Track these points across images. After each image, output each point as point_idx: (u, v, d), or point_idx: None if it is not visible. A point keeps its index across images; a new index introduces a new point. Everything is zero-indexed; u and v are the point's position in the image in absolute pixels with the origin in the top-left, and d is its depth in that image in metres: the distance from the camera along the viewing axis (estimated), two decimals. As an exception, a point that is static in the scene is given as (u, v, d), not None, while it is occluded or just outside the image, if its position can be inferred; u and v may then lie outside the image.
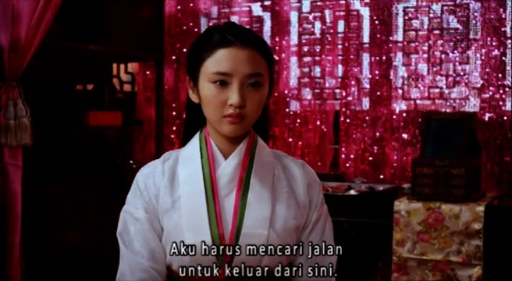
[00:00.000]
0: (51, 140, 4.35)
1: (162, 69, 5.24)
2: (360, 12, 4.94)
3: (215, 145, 1.74)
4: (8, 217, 3.76)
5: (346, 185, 4.18)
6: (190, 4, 5.28)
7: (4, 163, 3.78)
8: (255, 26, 5.24)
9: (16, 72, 3.79)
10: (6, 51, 3.76)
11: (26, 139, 3.79)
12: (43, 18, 3.76)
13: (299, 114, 4.91)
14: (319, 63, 4.92)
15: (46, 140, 4.28)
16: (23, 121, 3.79)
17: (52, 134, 4.36)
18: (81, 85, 4.95)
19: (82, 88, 5.00)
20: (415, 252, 3.67)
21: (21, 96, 3.82)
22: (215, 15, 5.35)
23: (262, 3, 5.22)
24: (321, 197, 1.83)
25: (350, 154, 4.70)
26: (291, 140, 4.92)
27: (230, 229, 1.67)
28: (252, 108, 1.67)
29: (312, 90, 4.91)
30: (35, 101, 4.15)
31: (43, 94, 4.33)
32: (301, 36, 5.04)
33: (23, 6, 3.73)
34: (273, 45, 5.08)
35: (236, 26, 1.75)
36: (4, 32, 3.76)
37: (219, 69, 1.65)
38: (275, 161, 1.81)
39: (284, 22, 5.07)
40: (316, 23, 5.02)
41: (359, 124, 4.70)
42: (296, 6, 5.11)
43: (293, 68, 5.00)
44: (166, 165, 1.77)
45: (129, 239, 1.72)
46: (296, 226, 1.72)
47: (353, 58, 4.80)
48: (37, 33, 3.77)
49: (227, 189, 1.71)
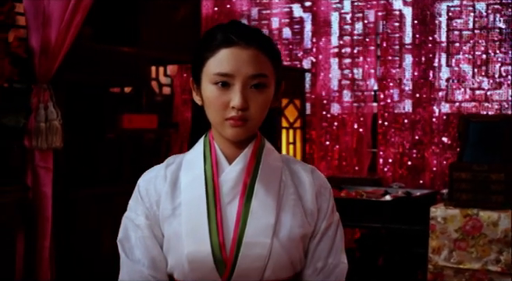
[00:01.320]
0: (84, 144, 4.34)
1: (199, 72, 5.17)
2: (403, 11, 4.80)
3: (220, 149, 1.66)
4: (38, 220, 3.75)
5: (382, 190, 4.06)
6: (226, 5, 5.21)
7: (35, 166, 3.78)
8: (295, 27, 5.15)
9: (47, 74, 3.78)
10: (37, 53, 3.76)
11: (56, 142, 3.78)
12: (73, 20, 3.76)
13: (336, 117, 4.80)
14: (358, 65, 4.80)
15: (79, 144, 4.27)
16: (54, 124, 3.78)
17: (85, 137, 4.34)
18: (118, 88, 4.94)
19: (119, 91, 4.98)
20: (452, 260, 3.52)
21: (52, 99, 3.81)
22: (256, 16, 5.27)
23: (302, 4, 5.13)
24: (332, 204, 1.71)
25: (388, 158, 4.57)
26: (328, 143, 4.81)
27: (232, 237, 1.58)
28: (256, 110, 1.58)
29: (350, 93, 4.80)
30: (69, 104, 4.15)
31: (77, 97, 4.32)
32: (342, 37, 4.92)
33: (54, 9, 3.72)
34: (313, 47, 4.98)
35: (240, 24, 1.66)
36: (35, 35, 3.76)
37: (220, 70, 1.56)
38: (284, 166, 1.71)
39: (324, 23, 4.97)
40: (357, 23, 4.89)
41: (398, 127, 4.56)
42: (337, 7, 5.00)
43: (331, 69, 4.88)
44: (169, 170, 1.69)
45: (130, 246, 1.65)
46: (302, 235, 1.62)
47: (393, 60, 4.66)
48: (67, 36, 3.77)
49: (230, 195, 1.62)
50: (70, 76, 4.05)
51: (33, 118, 3.75)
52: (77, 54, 4.02)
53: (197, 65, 1.63)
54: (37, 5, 3.73)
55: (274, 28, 5.18)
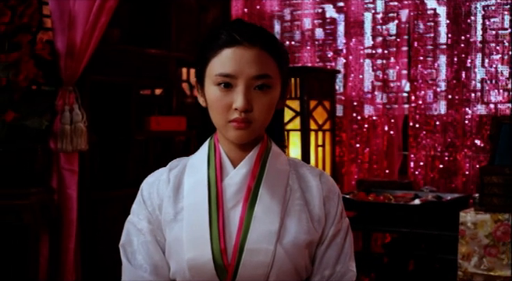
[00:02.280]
0: (111, 146, 4.33)
1: (229, 73, 5.13)
2: (437, 11, 4.69)
3: (224, 152, 1.61)
4: (63, 222, 3.76)
5: (412, 194, 3.96)
6: (256, 6, 5.16)
7: (60, 168, 3.79)
8: (328, 28, 5.07)
9: (73, 76, 3.79)
10: (63, 55, 3.76)
11: (81, 144, 3.79)
12: (98, 22, 3.75)
13: (367, 118, 4.71)
14: (389, 66, 4.71)
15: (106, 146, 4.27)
16: (79, 126, 3.78)
17: (113, 139, 4.34)
18: (149, 90, 4.93)
19: (150, 93, 4.98)
20: (482, 267, 3.41)
21: (77, 101, 3.81)
22: (288, 17, 5.21)
23: (335, 4, 5.05)
24: (341, 209, 1.65)
25: (419, 161, 4.46)
26: (358, 145, 4.72)
27: (233, 243, 1.53)
28: (260, 112, 1.53)
29: (382, 94, 4.70)
30: (96, 106, 4.15)
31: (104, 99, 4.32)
32: (373, 37, 4.83)
33: (79, 10, 3.72)
34: (344, 47, 4.91)
35: (245, 24, 1.61)
36: (60, 37, 3.77)
37: (223, 71, 1.52)
38: (291, 170, 1.65)
39: (356, 23, 4.88)
40: (389, 23, 4.80)
41: (429, 129, 4.45)
42: (369, 7, 4.91)
43: (362, 70, 4.79)
44: (172, 174, 1.66)
45: (132, 251, 1.62)
46: (307, 242, 1.56)
47: (425, 60, 4.56)
48: (92, 38, 3.77)
49: (234, 200, 1.57)
50: (97, 78, 4.05)
51: (58, 120, 3.76)
52: (104, 56, 4.02)
53: (201, 66, 1.60)
54: (62, 6, 3.74)
55: (306, 29, 5.11)
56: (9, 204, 3.41)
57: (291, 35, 5.16)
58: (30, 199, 3.45)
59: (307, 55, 5.02)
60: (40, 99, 3.74)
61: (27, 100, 3.58)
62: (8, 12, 3.44)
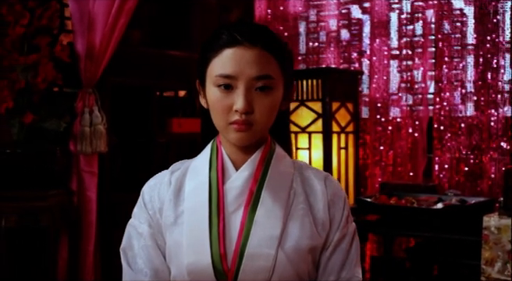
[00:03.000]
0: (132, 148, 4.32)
1: (252, 75, 5.09)
2: (464, 11, 4.59)
3: (227, 155, 1.58)
4: (82, 224, 3.75)
5: (435, 197, 3.87)
6: (280, 7, 5.11)
7: (79, 170, 3.79)
8: (354, 29, 5.01)
9: (92, 79, 3.79)
10: (83, 58, 3.76)
11: (101, 146, 3.78)
12: (117, 23, 3.75)
13: (391, 120, 4.63)
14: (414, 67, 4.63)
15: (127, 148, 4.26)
16: (99, 128, 3.77)
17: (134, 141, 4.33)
18: (172, 92, 4.92)
19: (173, 95, 4.96)
20: (506, 273, 3.32)
21: (97, 103, 3.81)
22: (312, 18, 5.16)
23: (361, 5, 4.98)
24: (347, 214, 1.60)
25: (444, 164, 4.37)
26: (382, 148, 4.65)
27: (234, 248, 1.49)
28: (261, 114, 1.49)
29: (406, 96, 4.62)
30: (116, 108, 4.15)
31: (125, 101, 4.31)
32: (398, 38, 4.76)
33: (98, 12, 3.72)
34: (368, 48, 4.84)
35: (247, 23, 1.57)
36: (80, 39, 3.77)
37: (223, 72, 1.48)
38: (295, 173, 1.61)
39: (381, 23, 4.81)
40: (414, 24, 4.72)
41: (454, 131, 4.36)
42: (396, 7, 4.83)
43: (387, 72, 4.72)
44: (174, 177, 1.63)
45: (133, 255, 1.59)
46: (310, 247, 1.51)
47: (450, 61, 4.46)
48: (111, 40, 3.76)
49: (235, 204, 1.53)
50: (117, 80, 4.04)
51: (78, 122, 3.76)
52: (125, 58, 4.01)
53: (202, 67, 1.56)
54: (82, 8, 3.74)
55: (330, 30, 5.05)
56: (28, 206, 3.41)
57: (315, 36, 5.10)
58: (48, 201, 3.45)
59: (331, 56, 4.96)
60: (60, 101, 3.74)
61: (47, 102, 3.58)
62: (27, 14, 3.44)
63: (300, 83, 4.35)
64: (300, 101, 4.35)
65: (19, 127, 3.48)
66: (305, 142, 4.34)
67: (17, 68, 3.39)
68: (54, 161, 3.58)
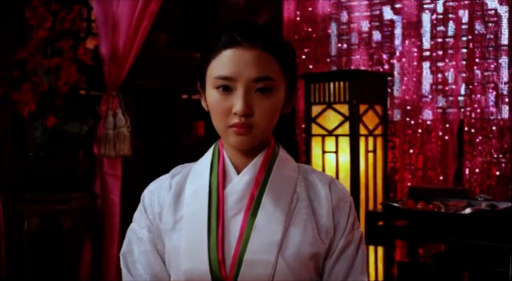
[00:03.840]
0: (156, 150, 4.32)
1: (280, 78, 5.04)
2: (498, 11, 4.47)
3: (228, 158, 1.54)
4: (106, 228, 3.75)
5: (465, 202, 3.76)
6: (309, 8, 5.05)
7: (103, 173, 3.78)
8: (386, 30, 4.91)
9: (116, 81, 3.78)
10: (106, 60, 3.76)
11: (124, 149, 3.77)
12: (140, 26, 3.74)
13: (421, 123, 4.53)
14: (445, 68, 4.52)
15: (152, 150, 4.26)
16: (122, 131, 3.77)
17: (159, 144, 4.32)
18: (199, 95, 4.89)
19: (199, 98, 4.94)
20: (536, 281, 3.21)
21: (121, 106, 3.81)
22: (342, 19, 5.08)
23: (393, 6, 4.88)
24: (352, 220, 1.54)
25: (474, 168, 4.25)
26: (412, 151, 4.55)
27: (232, 254, 1.44)
28: (261, 116, 1.45)
29: (437, 98, 4.52)
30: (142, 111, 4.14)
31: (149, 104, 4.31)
32: (430, 39, 4.65)
33: (122, 15, 3.72)
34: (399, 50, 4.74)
35: (248, 23, 1.52)
36: (104, 41, 3.77)
37: (222, 73, 1.44)
38: (299, 177, 1.56)
39: (412, 24, 4.71)
40: (446, 25, 4.61)
41: (485, 134, 4.24)
42: (428, 7, 4.73)
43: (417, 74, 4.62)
44: (174, 181, 1.60)
45: (133, 260, 1.57)
46: (312, 254, 1.46)
47: (481, 62, 4.35)
48: (134, 42, 3.76)
49: (236, 208, 1.49)
50: (142, 82, 4.03)
51: (101, 125, 3.76)
52: (150, 60, 4.01)
53: (202, 68, 1.52)
54: (106, 11, 3.74)
55: (360, 31, 4.96)
56: (50, 209, 3.43)
57: (345, 38, 5.03)
58: (70, 204, 3.46)
59: (360, 58, 4.88)
60: (83, 104, 3.74)
61: (70, 105, 3.59)
62: (49, 17, 3.45)
63: (327, 86, 4.29)
64: (327, 104, 4.28)
65: (42, 130, 3.48)
66: (332, 145, 4.26)
67: (39, 71, 3.40)
68: (76, 164, 3.58)
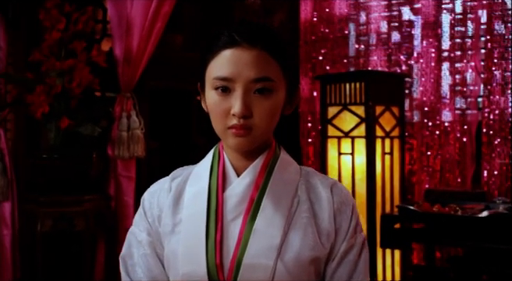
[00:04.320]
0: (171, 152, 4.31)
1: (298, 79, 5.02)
2: (519, 11, 4.40)
3: (229, 161, 1.51)
4: (119, 229, 3.74)
5: (482, 205, 3.70)
6: (326, 9, 5.01)
7: (117, 175, 3.78)
8: (405, 30, 4.86)
9: (130, 83, 3.78)
10: (120, 62, 3.76)
11: (138, 151, 3.77)
12: (153, 27, 3.73)
13: (438, 125, 4.47)
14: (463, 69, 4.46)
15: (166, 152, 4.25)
16: (136, 133, 3.76)
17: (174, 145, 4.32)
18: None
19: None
20: (554, 285, 3.15)
21: (135, 107, 3.80)
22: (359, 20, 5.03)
23: (412, 6, 4.83)
24: (355, 224, 1.50)
25: (493, 170, 4.18)
26: (429, 153, 4.49)
27: (231, 258, 1.42)
28: (261, 118, 1.42)
29: (454, 99, 4.45)
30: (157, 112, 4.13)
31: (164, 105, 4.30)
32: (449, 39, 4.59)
33: (135, 16, 3.71)
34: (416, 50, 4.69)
35: (248, 23, 1.50)
36: (118, 43, 3.77)
37: (220, 74, 1.42)
38: (301, 180, 1.53)
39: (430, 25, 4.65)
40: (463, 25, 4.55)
41: (504, 136, 4.17)
42: (447, 7, 4.67)
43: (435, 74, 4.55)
44: (174, 183, 1.57)
45: (133, 263, 1.55)
46: (312, 259, 1.43)
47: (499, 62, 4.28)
48: (148, 44, 3.75)
49: (235, 212, 1.46)
50: (156, 84, 4.03)
51: (115, 127, 3.75)
52: (165, 62, 4.00)
53: (201, 69, 1.51)
54: (120, 13, 3.74)
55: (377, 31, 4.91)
56: (63, 211, 3.43)
57: (362, 38, 4.98)
58: (83, 206, 3.46)
59: (377, 59, 4.83)
60: (98, 106, 3.74)
61: (84, 107, 3.59)
62: (63, 19, 3.46)
63: (343, 87, 4.24)
64: (342, 105, 4.24)
65: (56, 132, 3.49)
66: (348, 147, 4.22)
67: (52, 73, 3.40)
68: (90, 166, 3.58)
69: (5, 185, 3.71)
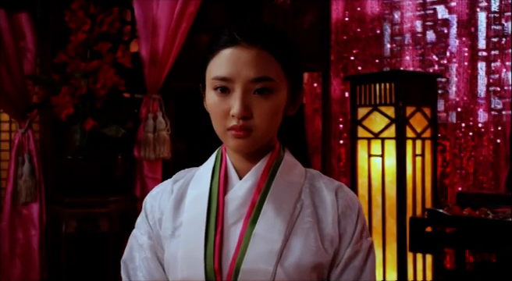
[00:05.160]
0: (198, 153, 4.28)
1: (329, 79, 4.96)
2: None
3: (231, 163, 1.47)
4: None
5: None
6: (357, 8, 4.93)
7: (143, 176, 3.77)
8: (440, 29, 4.76)
9: (156, 84, 3.77)
10: (147, 63, 3.75)
11: (164, 152, 3.75)
12: (179, 28, 3.71)
13: (471, 126, 4.36)
14: (498, 69, 4.34)
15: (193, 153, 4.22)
16: (162, 134, 3.75)
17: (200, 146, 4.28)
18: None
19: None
20: None
21: (161, 108, 3.79)
22: (391, 19, 4.95)
23: (447, 5, 4.73)
24: (361, 229, 1.44)
25: (528, 173, 4.07)
26: (463, 155, 4.38)
27: (230, 263, 1.38)
28: (261, 119, 1.37)
29: (488, 100, 4.34)
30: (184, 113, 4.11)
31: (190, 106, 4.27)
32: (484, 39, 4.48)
33: (161, 17, 3.70)
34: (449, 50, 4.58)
35: (250, 22, 1.46)
36: (144, 44, 3.76)
37: (219, 74, 1.39)
38: (305, 183, 1.48)
39: (464, 24, 4.54)
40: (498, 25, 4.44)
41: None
42: (483, 6, 4.56)
43: (469, 75, 4.45)
44: (176, 185, 1.54)
45: (134, 267, 1.53)
46: (314, 265, 1.38)
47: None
48: (173, 44, 3.73)
49: (236, 215, 1.42)
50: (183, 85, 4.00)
51: (142, 128, 3.74)
52: (189, 62, 3.97)
53: (202, 69, 1.47)
54: (146, 13, 3.73)
55: (409, 30, 4.82)
56: (87, 212, 3.43)
57: (395, 38, 4.89)
58: (108, 207, 3.45)
59: (410, 59, 4.74)
60: (123, 107, 3.74)
61: (110, 108, 3.58)
62: (88, 20, 3.46)
63: (373, 87, 4.17)
64: (372, 106, 4.16)
65: (81, 133, 3.49)
66: (378, 148, 4.15)
67: (76, 74, 3.41)
68: (115, 167, 3.57)
69: (33, 186, 3.74)
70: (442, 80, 4.50)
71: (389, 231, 4.08)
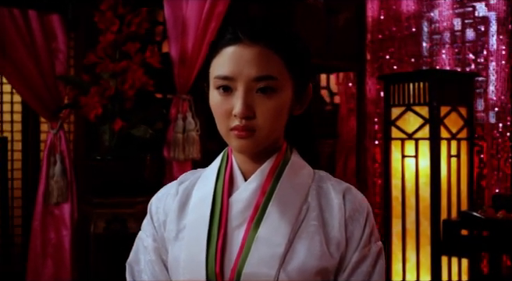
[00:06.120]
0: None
1: (364, 79, 4.89)
2: None
3: (237, 164, 1.44)
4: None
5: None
6: (393, 6, 4.85)
7: (173, 177, 3.76)
8: (479, 28, 4.65)
9: (185, 84, 3.76)
10: (176, 63, 3.74)
11: (194, 153, 3.73)
12: (208, 28, 3.69)
13: (509, 126, 4.24)
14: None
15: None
16: (192, 134, 3.73)
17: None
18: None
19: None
20: None
21: (191, 109, 3.77)
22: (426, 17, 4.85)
23: (487, 2, 4.61)
24: (369, 233, 1.39)
25: None
26: (500, 156, 4.27)
27: (232, 267, 1.34)
28: (264, 118, 1.34)
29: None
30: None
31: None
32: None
33: (190, 17, 3.69)
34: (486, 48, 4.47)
35: (254, 19, 1.43)
36: (174, 44, 3.75)
37: (221, 73, 1.35)
38: (312, 185, 1.43)
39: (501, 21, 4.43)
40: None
41: None
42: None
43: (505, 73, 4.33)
44: (181, 187, 1.52)
45: (139, 270, 1.51)
46: (319, 269, 1.33)
47: None
48: (202, 44, 3.71)
49: (240, 218, 1.39)
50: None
51: (171, 128, 3.74)
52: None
53: (205, 67, 1.44)
54: (176, 14, 3.73)
55: (446, 29, 4.72)
56: (116, 212, 3.43)
57: (431, 37, 4.79)
58: (136, 208, 3.45)
59: (446, 58, 4.64)
60: (152, 107, 3.73)
61: (139, 108, 3.58)
62: (116, 21, 3.46)
63: (407, 87, 4.09)
64: (406, 106, 4.09)
65: (110, 134, 3.49)
66: (412, 149, 4.06)
67: (104, 75, 3.41)
68: (144, 167, 3.57)
69: (64, 186, 3.76)
70: (480, 79, 4.39)
71: (422, 233, 4.00)
